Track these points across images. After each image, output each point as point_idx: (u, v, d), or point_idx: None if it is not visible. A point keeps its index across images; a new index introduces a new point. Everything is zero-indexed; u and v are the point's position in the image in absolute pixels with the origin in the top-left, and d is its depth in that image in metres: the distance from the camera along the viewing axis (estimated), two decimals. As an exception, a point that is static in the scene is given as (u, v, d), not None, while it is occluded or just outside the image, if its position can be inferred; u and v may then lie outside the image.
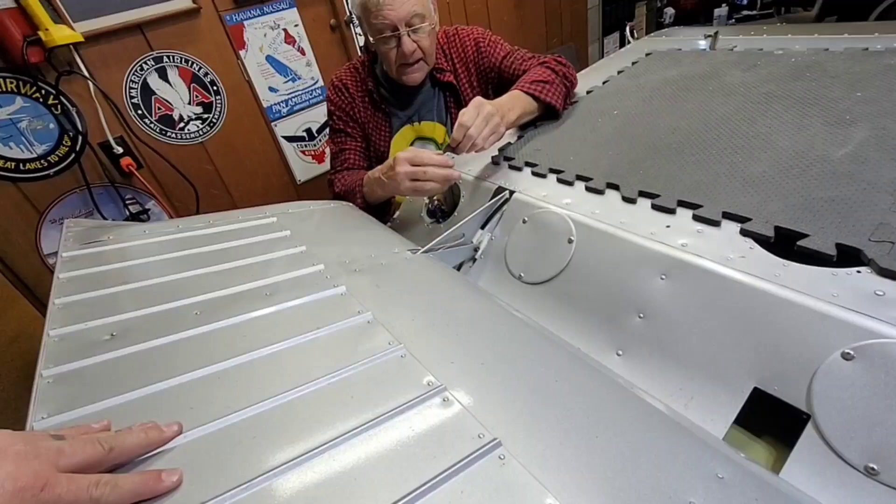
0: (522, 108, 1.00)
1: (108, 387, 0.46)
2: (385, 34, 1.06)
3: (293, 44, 1.93)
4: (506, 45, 1.24)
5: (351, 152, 1.25)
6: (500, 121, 0.91)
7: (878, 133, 0.71)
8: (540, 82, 1.03)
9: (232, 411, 0.43)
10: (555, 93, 1.04)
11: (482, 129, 0.88)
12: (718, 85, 1.00)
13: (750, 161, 0.74)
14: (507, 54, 1.21)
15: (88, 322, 0.56)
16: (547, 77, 1.05)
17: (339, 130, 1.26)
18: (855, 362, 0.48)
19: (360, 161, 1.26)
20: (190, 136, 1.79)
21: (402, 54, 1.09)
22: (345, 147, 1.25)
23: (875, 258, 0.53)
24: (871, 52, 0.96)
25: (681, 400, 0.57)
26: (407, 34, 1.06)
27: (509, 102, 0.99)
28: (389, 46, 1.09)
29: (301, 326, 0.56)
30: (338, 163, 1.26)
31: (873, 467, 0.45)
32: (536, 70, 1.08)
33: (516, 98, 1.00)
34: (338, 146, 1.26)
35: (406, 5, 1.03)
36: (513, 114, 0.97)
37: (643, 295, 0.65)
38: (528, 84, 1.03)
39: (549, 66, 1.10)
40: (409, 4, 1.03)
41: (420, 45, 1.10)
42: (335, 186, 1.20)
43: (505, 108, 0.95)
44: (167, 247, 0.77)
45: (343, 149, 1.25)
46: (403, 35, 1.05)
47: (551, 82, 1.04)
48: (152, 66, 1.64)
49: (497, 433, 0.41)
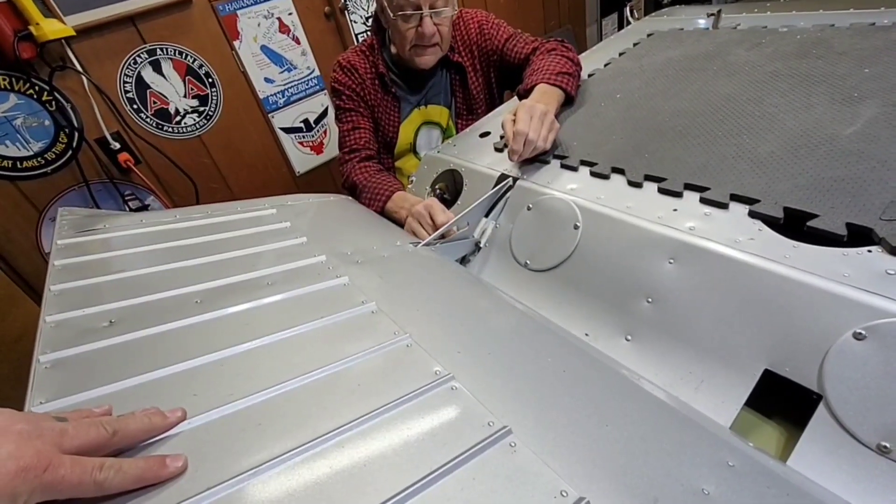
0: (557, 104, 0.97)
1: (107, 373, 0.45)
2: (406, 11, 1.04)
3: (288, 33, 1.91)
4: (508, 29, 1.22)
5: (364, 131, 1.21)
6: (553, 117, 0.89)
7: (888, 110, 0.70)
8: (565, 74, 1.01)
9: (236, 398, 0.42)
10: (575, 85, 1.04)
11: (539, 129, 0.85)
12: (722, 64, 0.98)
13: (757, 142, 0.72)
14: (510, 37, 1.19)
15: (86, 309, 0.55)
16: (570, 69, 1.04)
17: (349, 109, 1.21)
18: (867, 342, 0.48)
19: (371, 142, 1.22)
20: (187, 129, 1.77)
21: (420, 34, 1.07)
22: (358, 125, 1.21)
23: (887, 237, 0.52)
24: (878, 28, 0.94)
25: (691, 383, 0.57)
26: (429, 15, 1.04)
27: (547, 99, 0.95)
28: (409, 25, 1.06)
29: (305, 315, 0.55)
30: (350, 140, 1.21)
31: (886, 445, 0.45)
32: (553, 60, 1.05)
33: (549, 94, 0.97)
34: (349, 124, 1.21)
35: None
36: (553, 108, 0.93)
37: (651, 279, 0.64)
38: (554, 76, 1.00)
39: (563, 54, 1.08)
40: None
41: (440, 29, 1.08)
42: (352, 175, 1.16)
43: (544, 105, 0.91)
44: (165, 236, 0.76)
45: (356, 127, 1.21)
46: (426, 16, 1.04)
47: (573, 75, 1.04)
48: (146, 59, 1.62)
49: (507, 421, 0.41)
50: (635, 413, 0.45)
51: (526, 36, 1.20)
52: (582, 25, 3.27)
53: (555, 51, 1.10)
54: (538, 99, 0.94)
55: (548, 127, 0.87)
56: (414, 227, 0.91)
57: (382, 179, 1.11)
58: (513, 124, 0.87)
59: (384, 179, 1.11)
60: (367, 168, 1.17)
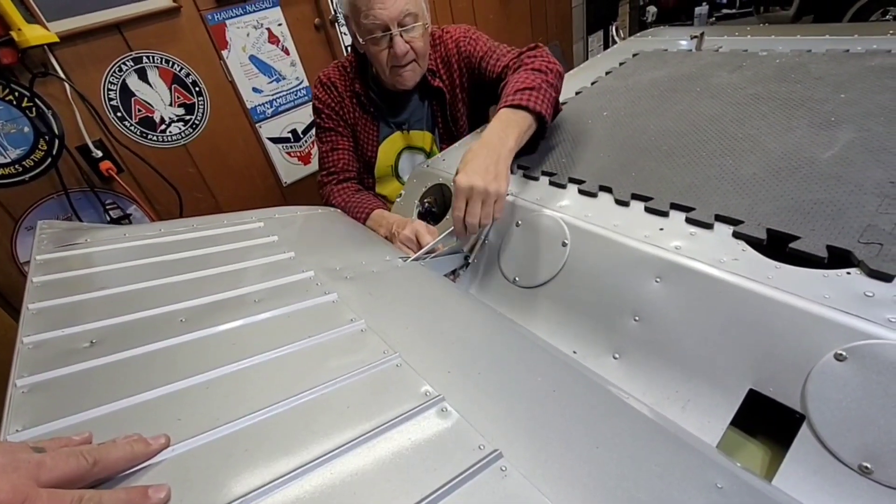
0: (518, 131, 0.85)
1: (88, 397, 0.44)
2: (375, 34, 1.00)
3: (277, 43, 1.90)
4: (485, 44, 1.14)
5: (343, 152, 1.20)
6: (494, 187, 0.77)
7: (863, 135, 0.72)
8: (526, 90, 0.90)
9: (222, 423, 0.41)
10: (543, 99, 0.90)
11: (478, 213, 0.77)
12: (705, 86, 1.01)
13: (740, 163, 0.74)
14: (486, 54, 1.12)
15: (65, 329, 0.53)
16: (532, 82, 0.91)
17: (329, 129, 1.20)
18: (847, 363, 0.49)
19: (352, 163, 1.22)
20: (172, 138, 1.75)
21: (393, 55, 1.03)
22: (337, 146, 1.20)
23: (865, 260, 0.54)
24: (851, 54, 0.98)
25: (678, 402, 0.57)
26: (399, 34, 1.00)
27: (500, 133, 0.84)
28: (380, 48, 1.03)
29: (293, 334, 0.55)
30: (329, 163, 1.20)
31: (867, 466, 0.46)
32: (520, 76, 0.95)
33: (506, 123, 0.86)
34: (328, 145, 1.20)
35: (398, 4, 0.97)
36: (510, 143, 0.83)
37: (638, 298, 0.65)
38: (511, 95, 0.89)
39: (533, 67, 0.98)
40: (401, 3, 0.97)
41: (413, 45, 1.04)
42: (332, 199, 1.16)
43: (497, 146, 0.81)
44: (149, 251, 0.75)
45: (335, 148, 1.20)
46: (395, 35, 1.00)
47: (537, 88, 0.90)
48: (131, 66, 1.60)
49: (498, 444, 0.41)
50: (625, 433, 0.46)
51: (503, 49, 1.11)
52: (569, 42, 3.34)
53: (523, 66, 1.00)
54: (489, 140, 0.82)
55: (487, 209, 0.77)
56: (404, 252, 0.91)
57: (361, 199, 1.12)
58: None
59: (362, 198, 1.12)
60: (346, 189, 1.17)
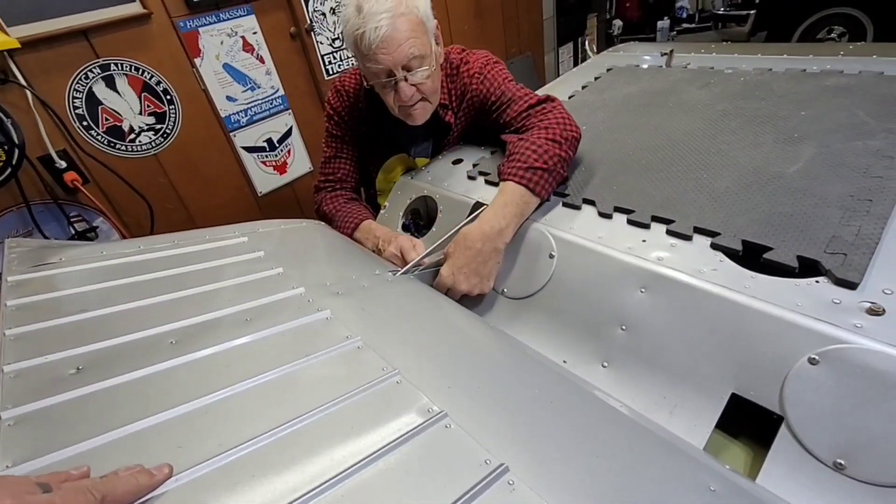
0: (520, 217, 0.83)
1: (81, 428, 0.42)
2: (381, 79, 0.94)
3: (252, 52, 1.87)
4: (499, 87, 1.03)
5: (345, 161, 1.17)
6: (477, 290, 0.82)
7: (824, 150, 0.78)
8: (539, 170, 0.84)
9: (226, 449, 0.41)
10: (552, 182, 0.86)
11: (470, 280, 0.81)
12: (678, 102, 1.06)
13: (714, 177, 0.78)
14: (499, 98, 1.03)
15: (49, 355, 0.51)
16: (547, 160, 0.85)
17: (336, 136, 1.16)
18: (820, 367, 0.52)
19: (352, 174, 1.19)
20: (142, 148, 1.69)
21: (399, 98, 0.96)
22: (340, 154, 1.17)
23: (832, 269, 0.58)
24: (808, 74, 1.05)
25: (665, 408, 0.60)
26: (404, 79, 0.92)
27: (501, 219, 0.81)
28: (387, 91, 0.97)
29: (290, 354, 0.54)
30: (329, 169, 1.17)
31: (841, 462, 0.49)
32: (536, 142, 0.87)
33: (510, 204, 0.82)
34: (332, 151, 1.17)
35: (403, 48, 0.88)
36: (508, 233, 0.81)
37: (624, 307, 0.68)
38: (524, 172, 0.84)
39: (549, 136, 0.89)
40: (406, 46, 0.88)
41: (420, 88, 0.96)
42: (323, 205, 1.15)
43: (493, 238, 0.80)
44: (129, 269, 0.72)
45: (338, 156, 1.17)
46: (400, 80, 0.92)
47: (550, 170, 0.85)
48: (98, 74, 1.54)
49: (503, 458, 0.41)
50: (621, 442, 0.47)
51: (516, 94, 1.01)
52: (541, 53, 3.43)
53: (538, 127, 0.92)
54: (485, 232, 0.81)
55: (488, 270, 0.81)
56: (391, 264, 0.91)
57: (352, 208, 1.11)
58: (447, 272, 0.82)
59: (353, 208, 1.11)
60: (339, 197, 1.16)
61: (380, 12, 0.84)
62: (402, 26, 0.86)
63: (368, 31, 0.84)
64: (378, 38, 0.85)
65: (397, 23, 0.86)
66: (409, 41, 0.88)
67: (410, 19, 0.87)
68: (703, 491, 0.42)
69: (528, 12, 3.21)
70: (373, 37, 0.85)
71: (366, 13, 0.84)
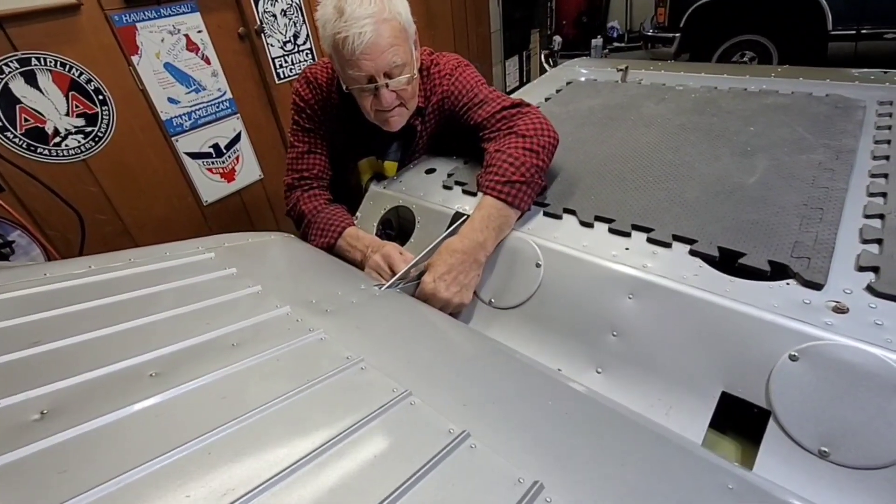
0: (499, 232, 0.84)
1: (60, 487, 0.36)
2: (361, 84, 0.92)
3: (196, 51, 1.75)
4: (471, 88, 1.04)
5: (319, 157, 1.10)
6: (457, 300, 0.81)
7: (775, 163, 0.85)
8: (517, 183, 0.85)
9: (242, 493, 0.36)
10: (531, 194, 0.87)
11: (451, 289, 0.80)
12: (638, 116, 1.12)
13: (683, 187, 0.83)
14: (470, 100, 1.03)
15: (4, 398, 0.44)
16: (524, 172, 0.86)
17: (308, 129, 1.09)
18: (800, 362, 0.57)
19: (327, 171, 1.12)
20: (69, 152, 1.51)
21: (378, 104, 0.95)
22: (314, 150, 1.10)
23: (800, 272, 0.63)
24: (750, 92, 1.16)
25: (661, 409, 0.62)
26: (385, 85, 0.91)
27: (481, 233, 0.82)
28: (366, 95, 0.95)
29: (289, 380, 0.50)
30: (302, 165, 1.10)
31: (825, 450, 0.53)
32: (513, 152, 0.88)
33: (490, 219, 0.83)
34: (304, 146, 1.10)
35: (385, 55, 0.87)
36: (488, 246, 0.83)
37: (614, 314, 0.70)
38: (502, 186, 0.85)
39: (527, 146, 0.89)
40: (389, 54, 0.87)
41: (400, 94, 0.95)
42: (300, 204, 1.07)
43: (473, 251, 0.81)
44: (85, 293, 0.64)
45: (312, 151, 1.10)
46: (381, 86, 0.91)
47: (528, 182, 0.86)
48: (16, 69, 1.37)
49: (536, 475, 0.41)
50: (640, 448, 0.48)
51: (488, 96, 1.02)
52: (489, 65, 3.51)
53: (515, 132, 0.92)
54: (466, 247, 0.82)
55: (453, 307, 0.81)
56: (374, 277, 0.88)
57: (333, 213, 1.04)
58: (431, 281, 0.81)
59: (335, 213, 1.04)
60: (317, 197, 1.08)
61: (363, 17, 0.81)
62: (385, 32, 0.84)
63: (352, 35, 0.81)
64: (362, 44, 0.82)
65: (381, 28, 0.83)
66: (392, 48, 0.86)
67: (393, 25, 0.86)
68: (724, 491, 0.44)
69: (477, 25, 3.29)
70: (357, 42, 0.82)
71: (348, 16, 0.81)
